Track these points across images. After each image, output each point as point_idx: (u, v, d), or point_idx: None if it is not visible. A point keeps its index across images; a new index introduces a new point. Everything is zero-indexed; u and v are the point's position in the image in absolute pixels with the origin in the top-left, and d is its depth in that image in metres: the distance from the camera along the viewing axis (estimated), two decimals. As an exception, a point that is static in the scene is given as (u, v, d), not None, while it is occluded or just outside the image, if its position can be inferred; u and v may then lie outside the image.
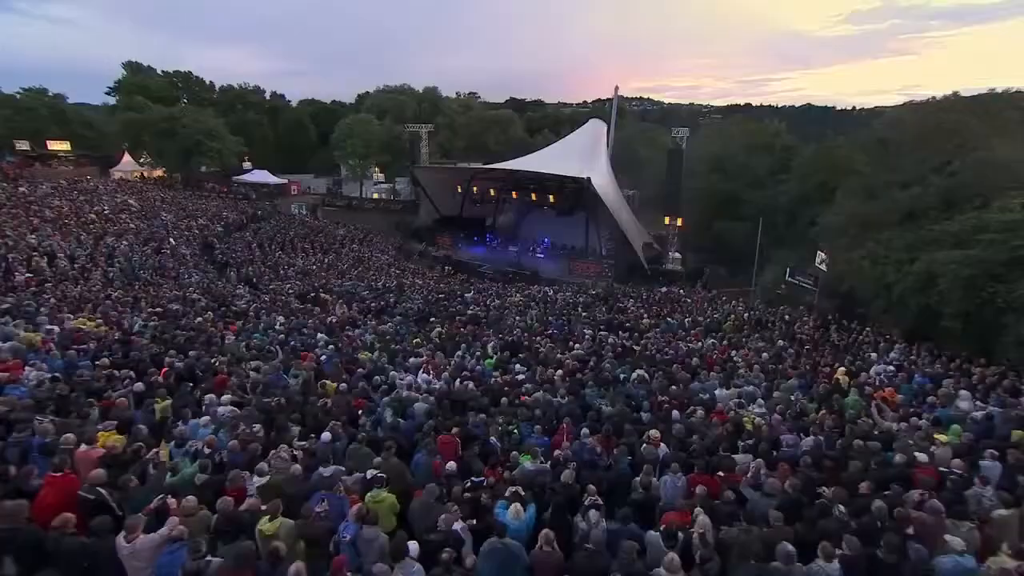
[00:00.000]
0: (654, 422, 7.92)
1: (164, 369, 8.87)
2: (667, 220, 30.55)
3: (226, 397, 7.55)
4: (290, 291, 20.29)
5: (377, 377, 9.45)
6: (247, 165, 48.13)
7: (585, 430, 7.24)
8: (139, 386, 7.69)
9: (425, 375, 10.05)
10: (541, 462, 6.40)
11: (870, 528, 4.96)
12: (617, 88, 41.66)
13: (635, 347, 13.58)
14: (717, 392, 9.57)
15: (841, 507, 5.08)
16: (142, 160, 43.09)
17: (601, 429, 7.39)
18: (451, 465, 6.04)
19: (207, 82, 53.70)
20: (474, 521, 5.25)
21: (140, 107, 40.26)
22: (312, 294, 19.79)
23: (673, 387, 9.70)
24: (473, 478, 6.06)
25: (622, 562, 4.48)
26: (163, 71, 49.83)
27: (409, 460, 6.52)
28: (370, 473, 5.76)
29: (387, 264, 30.64)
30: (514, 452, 6.59)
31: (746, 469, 6.39)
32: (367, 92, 57.76)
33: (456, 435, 7.14)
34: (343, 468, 6.01)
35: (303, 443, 6.54)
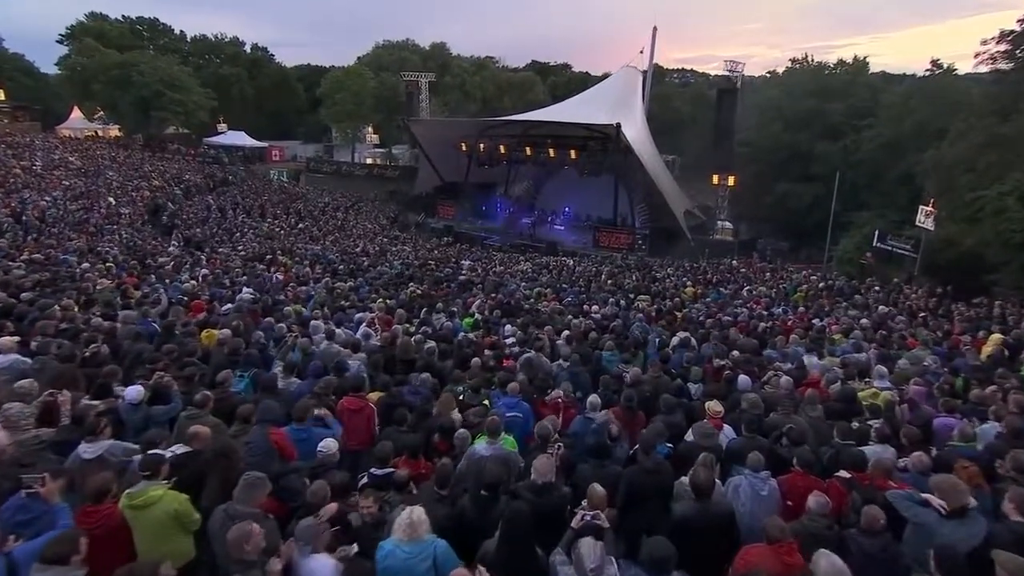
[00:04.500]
0: (709, 395, 5.39)
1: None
2: (716, 179, 27.38)
3: (7, 340, 5.26)
4: (241, 252, 18.19)
5: (282, 324, 7.08)
6: (222, 127, 46.34)
7: (594, 398, 4.77)
8: None
9: (367, 328, 7.67)
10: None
11: None
12: (655, 29, 38.49)
13: (676, 312, 11.02)
14: (807, 359, 6.98)
15: None
16: (96, 117, 41.20)
17: (620, 400, 4.92)
18: (329, 443, 3.62)
19: (177, 31, 51.66)
20: (353, 547, 2.89)
21: (91, 51, 37.39)
22: (269, 256, 17.70)
23: (735, 353, 7.16)
24: (373, 469, 3.63)
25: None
26: (123, 16, 47.68)
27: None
28: (178, 450, 3.43)
29: (374, 233, 28.43)
30: (461, 430, 4.14)
31: (887, 466, 3.89)
32: (366, 54, 55.40)
33: (375, 402, 4.77)
34: (135, 447, 3.67)
35: (95, 404, 4.22)
